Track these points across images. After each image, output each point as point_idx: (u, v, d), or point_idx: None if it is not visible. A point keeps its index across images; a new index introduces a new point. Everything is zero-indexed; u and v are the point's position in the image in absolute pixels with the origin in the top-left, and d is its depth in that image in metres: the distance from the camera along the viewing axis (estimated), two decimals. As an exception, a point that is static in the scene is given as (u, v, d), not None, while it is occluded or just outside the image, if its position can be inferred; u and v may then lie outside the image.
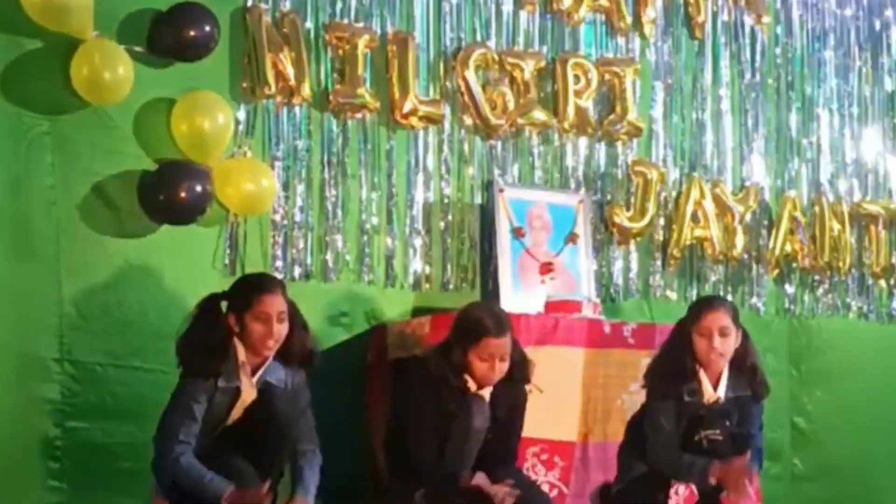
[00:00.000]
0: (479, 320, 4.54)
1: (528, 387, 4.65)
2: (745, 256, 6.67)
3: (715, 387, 4.67)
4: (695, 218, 6.47)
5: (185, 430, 4.19)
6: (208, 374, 4.24)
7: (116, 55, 4.83)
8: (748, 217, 6.66)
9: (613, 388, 5.45)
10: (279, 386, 4.37)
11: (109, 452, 4.80)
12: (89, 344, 4.82)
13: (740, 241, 6.59)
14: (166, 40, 5.02)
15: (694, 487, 4.82)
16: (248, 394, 4.33)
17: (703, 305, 4.77)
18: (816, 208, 6.96)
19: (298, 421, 4.40)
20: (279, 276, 5.23)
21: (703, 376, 4.66)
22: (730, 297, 6.29)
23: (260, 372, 4.34)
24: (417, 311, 5.60)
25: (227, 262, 5.22)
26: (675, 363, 4.71)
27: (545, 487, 5.28)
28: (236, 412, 4.33)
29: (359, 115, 5.59)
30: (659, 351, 4.90)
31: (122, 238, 4.95)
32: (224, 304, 4.37)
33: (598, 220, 6.19)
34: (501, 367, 4.51)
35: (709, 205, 6.50)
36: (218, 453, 4.23)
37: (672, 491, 5.48)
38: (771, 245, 6.78)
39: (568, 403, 5.31)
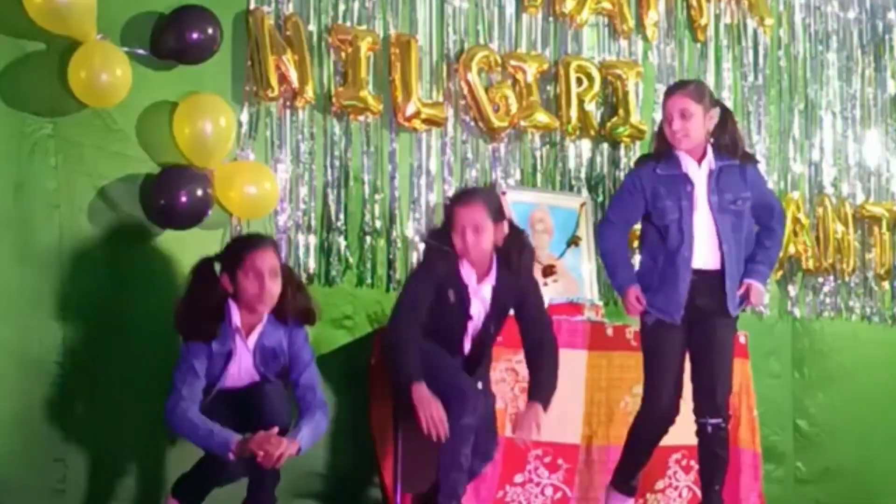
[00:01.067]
0: (449, 199, 4.80)
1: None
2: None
3: (700, 163, 4.75)
4: (697, 220, 6.45)
5: (187, 387, 4.33)
6: (205, 335, 4.38)
7: (114, 57, 4.81)
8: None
9: (616, 390, 5.45)
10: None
11: (112, 455, 4.80)
12: (91, 347, 4.81)
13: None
14: (169, 43, 5.02)
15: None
16: (244, 357, 4.45)
17: (665, 92, 4.92)
18: (820, 210, 6.96)
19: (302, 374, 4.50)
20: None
21: (683, 155, 4.77)
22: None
23: (254, 334, 4.43)
24: (420, 314, 5.59)
25: (229, 264, 5.22)
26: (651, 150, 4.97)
27: (549, 490, 5.29)
28: (232, 368, 4.44)
29: (361, 118, 5.59)
30: None
31: (125, 241, 4.95)
32: (217, 267, 4.45)
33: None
34: (476, 240, 4.58)
35: (711, 207, 6.48)
36: (213, 413, 4.32)
37: (675, 494, 5.49)
38: (774, 247, 6.77)
39: (571, 406, 5.32)
